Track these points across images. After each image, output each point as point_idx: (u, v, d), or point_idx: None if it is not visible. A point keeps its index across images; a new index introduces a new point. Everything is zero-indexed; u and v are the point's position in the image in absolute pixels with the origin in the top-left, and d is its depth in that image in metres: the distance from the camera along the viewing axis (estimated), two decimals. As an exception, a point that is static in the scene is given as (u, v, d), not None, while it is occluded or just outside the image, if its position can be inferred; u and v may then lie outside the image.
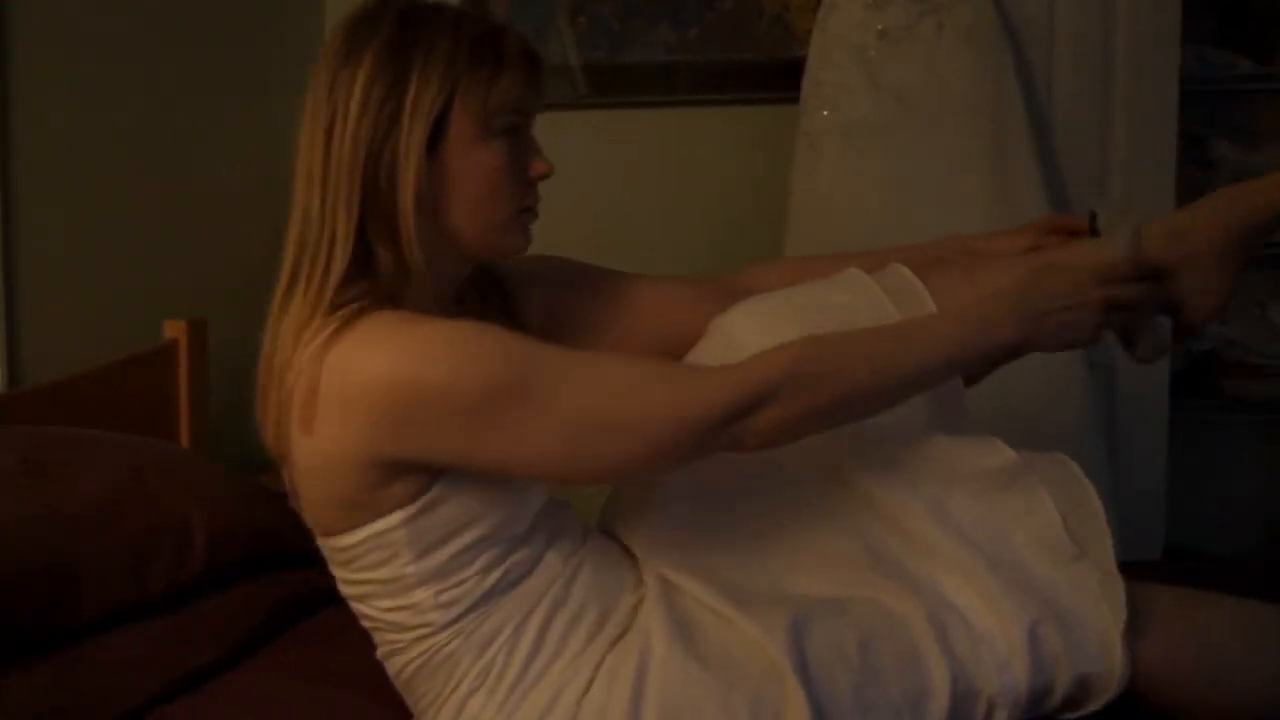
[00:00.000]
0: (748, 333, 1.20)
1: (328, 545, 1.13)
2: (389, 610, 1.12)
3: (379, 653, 1.17)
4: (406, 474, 1.06)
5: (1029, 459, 1.18)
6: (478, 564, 1.09)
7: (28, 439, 1.52)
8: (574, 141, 2.64)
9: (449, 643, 1.10)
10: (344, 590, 1.16)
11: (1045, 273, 1.15)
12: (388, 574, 1.09)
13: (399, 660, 1.14)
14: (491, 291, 1.25)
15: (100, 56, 1.98)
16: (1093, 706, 1.12)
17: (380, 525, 1.07)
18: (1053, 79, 2.23)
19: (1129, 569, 1.14)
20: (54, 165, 1.88)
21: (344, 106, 1.07)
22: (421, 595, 1.09)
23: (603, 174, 2.64)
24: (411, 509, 1.07)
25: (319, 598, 1.52)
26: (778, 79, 2.45)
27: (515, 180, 1.13)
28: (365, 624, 1.17)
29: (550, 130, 2.82)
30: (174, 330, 1.99)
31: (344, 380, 1.02)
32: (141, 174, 2.06)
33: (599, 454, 1.05)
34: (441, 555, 1.08)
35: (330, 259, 1.07)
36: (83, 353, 1.85)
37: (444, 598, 1.09)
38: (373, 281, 1.07)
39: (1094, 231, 1.28)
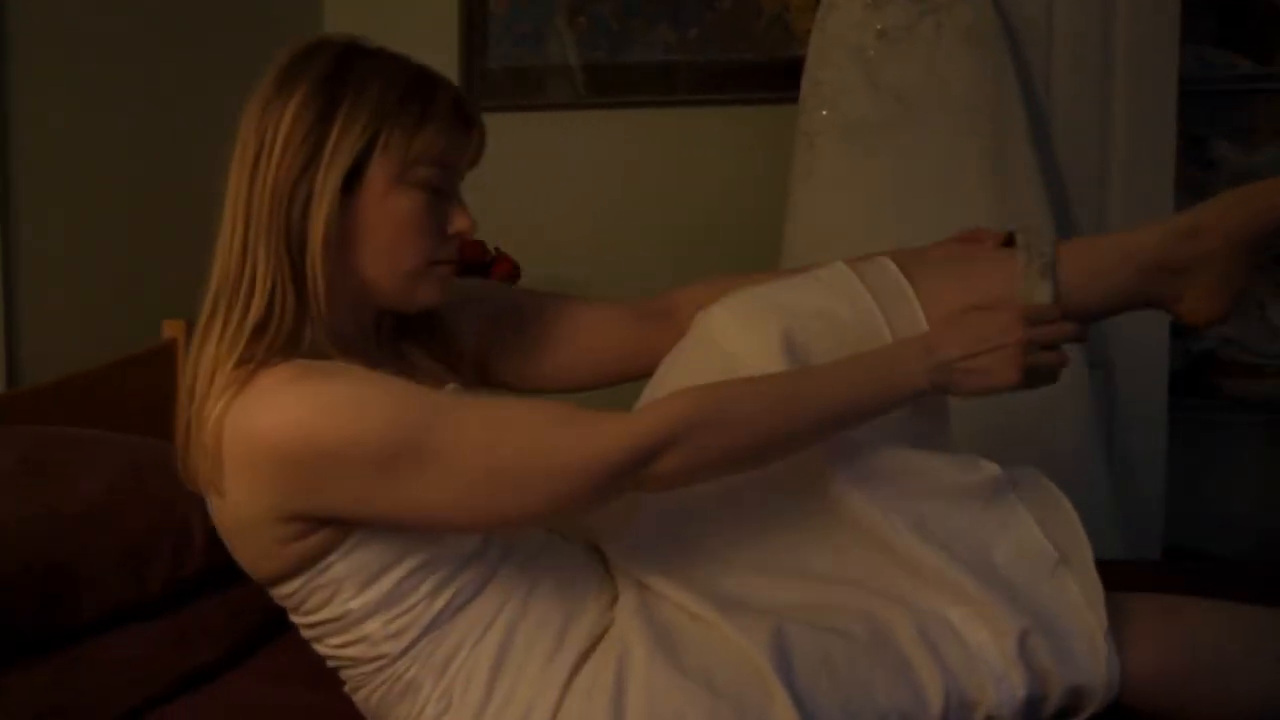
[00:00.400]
0: (728, 329, 1.19)
1: (271, 593, 1.13)
2: (343, 646, 1.11)
3: (347, 686, 1.16)
4: (324, 526, 1.05)
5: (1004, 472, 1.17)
6: (424, 588, 1.08)
7: (27, 439, 1.52)
8: (574, 141, 2.65)
9: (408, 670, 1.09)
10: (302, 633, 1.15)
11: (968, 318, 1.13)
12: (333, 612, 1.09)
13: (364, 693, 1.13)
14: (416, 325, 1.23)
15: (100, 56, 1.98)
16: (1086, 714, 1.11)
17: (316, 567, 1.07)
18: (1052, 79, 2.23)
19: (1127, 569, 1.14)
20: (53, 165, 1.88)
21: (271, 138, 1.06)
22: (371, 627, 1.08)
23: (602, 174, 2.64)
24: (342, 550, 1.06)
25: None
26: (777, 79, 2.46)
27: (428, 233, 1.11)
28: (330, 663, 1.16)
29: (550, 130, 2.83)
30: (173, 330, 1.99)
31: (245, 442, 1.01)
32: (141, 174, 2.06)
33: (502, 506, 1.03)
34: (384, 585, 1.07)
35: (250, 299, 1.05)
36: (82, 352, 1.85)
37: (393, 627, 1.08)
38: (278, 326, 1.06)
39: (1010, 243, 1.24)
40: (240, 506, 1.05)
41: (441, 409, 1.04)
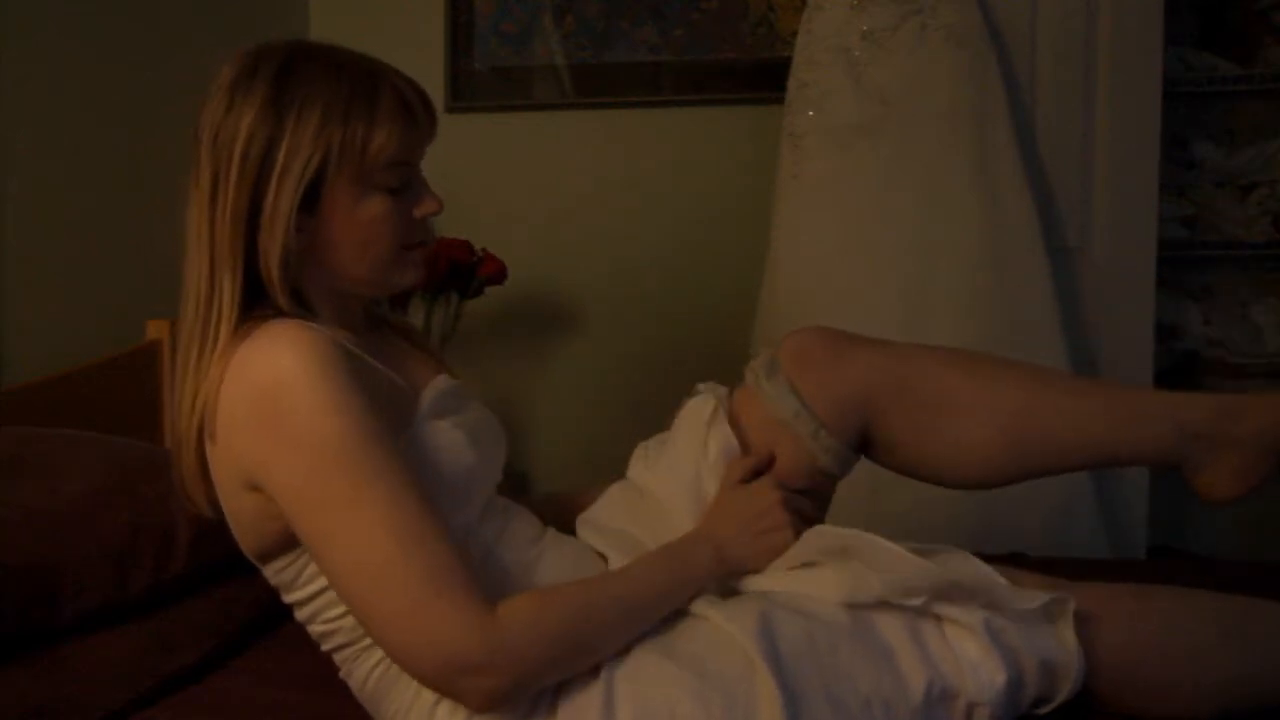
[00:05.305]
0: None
1: (271, 571, 1.13)
2: (342, 617, 1.11)
3: (341, 672, 1.16)
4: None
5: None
6: None
7: (10, 439, 1.51)
8: (560, 141, 2.65)
9: None
10: (299, 615, 1.15)
11: (729, 500, 1.21)
12: None
13: (361, 671, 1.13)
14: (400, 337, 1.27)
15: (86, 57, 1.97)
16: (1063, 697, 1.13)
17: None
18: (1036, 79, 2.24)
19: (1111, 568, 1.14)
20: (37, 165, 1.87)
21: (225, 166, 1.06)
22: None
23: (588, 174, 2.64)
24: None
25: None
26: (763, 79, 2.47)
27: (400, 226, 1.12)
28: (325, 646, 1.15)
29: (536, 130, 2.82)
30: (157, 330, 1.99)
31: (234, 378, 1.03)
32: (125, 174, 2.05)
33: (380, 613, 1.01)
34: None
35: (219, 325, 1.06)
36: (66, 353, 1.85)
37: None
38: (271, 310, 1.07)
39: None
40: (223, 456, 1.06)
41: (393, 473, 1.01)
